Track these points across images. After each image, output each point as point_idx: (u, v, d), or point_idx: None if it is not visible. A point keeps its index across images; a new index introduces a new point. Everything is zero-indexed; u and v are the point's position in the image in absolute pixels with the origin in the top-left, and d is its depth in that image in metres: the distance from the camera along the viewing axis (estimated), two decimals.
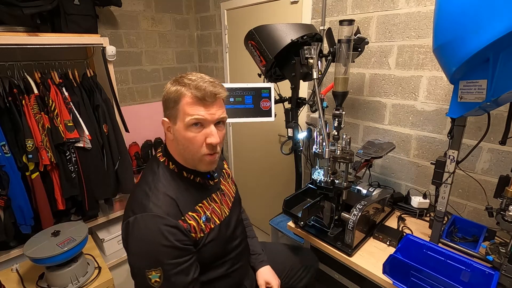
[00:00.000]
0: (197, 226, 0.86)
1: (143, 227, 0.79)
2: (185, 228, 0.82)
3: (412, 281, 0.95)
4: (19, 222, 1.52)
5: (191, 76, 0.84)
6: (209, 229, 0.90)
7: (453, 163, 1.03)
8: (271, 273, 1.16)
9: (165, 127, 0.88)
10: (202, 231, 0.88)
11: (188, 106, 0.81)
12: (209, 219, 0.91)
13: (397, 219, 1.37)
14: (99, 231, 1.98)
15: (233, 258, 1.01)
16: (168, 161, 0.91)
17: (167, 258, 0.78)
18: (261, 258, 1.19)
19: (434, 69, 1.34)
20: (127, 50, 2.38)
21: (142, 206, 0.81)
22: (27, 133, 1.49)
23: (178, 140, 0.85)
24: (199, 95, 0.80)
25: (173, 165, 0.91)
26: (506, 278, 0.92)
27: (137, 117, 2.50)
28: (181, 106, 0.81)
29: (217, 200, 0.97)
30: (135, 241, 0.79)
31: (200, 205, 0.91)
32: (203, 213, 0.90)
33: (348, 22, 1.13)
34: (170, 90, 0.83)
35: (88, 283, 1.48)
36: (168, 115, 0.86)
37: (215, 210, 0.95)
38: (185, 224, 0.83)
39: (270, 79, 1.49)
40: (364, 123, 1.66)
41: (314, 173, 1.25)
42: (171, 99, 0.83)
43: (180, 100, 0.81)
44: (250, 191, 2.69)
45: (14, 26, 1.49)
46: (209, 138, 0.83)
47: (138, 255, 0.80)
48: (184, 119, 0.81)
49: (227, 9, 2.36)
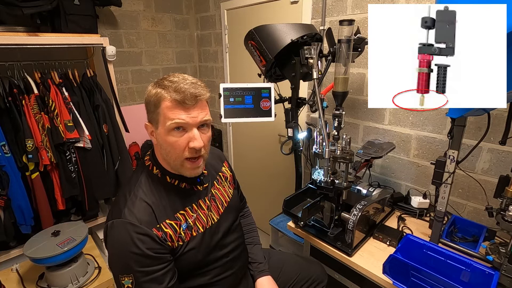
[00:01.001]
0: (174, 235, 0.83)
1: (116, 233, 0.78)
2: (159, 237, 0.80)
3: (412, 281, 0.95)
4: (19, 222, 1.53)
5: (172, 77, 0.81)
6: (189, 237, 0.87)
7: (453, 163, 1.03)
8: (271, 284, 1.08)
9: (149, 132, 0.85)
10: (181, 239, 0.85)
11: (168, 110, 0.77)
12: (190, 227, 0.88)
13: (397, 219, 1.37)
14: (99, 231, 1.98)
15: (221, 267, 0.96)
16: (153, 165, 0.89)
17: (137, 266, 0.77)
18: (262, 267, 1.11)
19: None
20: (127, 50, 2.38)
21: (119, 211, 0.80)
22: (27, 133, 1.49)
23: (161, 144, 0.83)
24: (178, 98, 0.76)
25: (157, 170, 0.88)
26: (506, 278, 0.92)
27: (137, 117, 2.49)
28: (161, 110, 0.78)
29: (203, 206, 0.93)
30: (110, 246, 0.80)
31: (182, 212, 0.88)
32: (184, 220, 0.87)
33: (348, 22, 1.13)
34: (151, 93, 0.80)
35: (88, 283, 1.48)
36: (150, 119, 0.83)
37: (200, 218, 0.91)
38: (160, 232, 0.81)
39: (270, 79, 1.49)
40: (364, 123, 1.66)
41: (314, 173, 1.25)
42: (152, 102, 0.80)
43: (160, 103, 0.78)
44: (250, 191, 2.69)
45: (14, 26, 1.50)
46: (192, 142, 0.80)
47: (112, 260, 0.81)
48: (165, 123, 0.78)
49: (227, 9, 2.36)
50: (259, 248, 1.17)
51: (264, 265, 1.13)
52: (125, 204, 0.81)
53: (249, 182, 2.66)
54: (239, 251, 1.05)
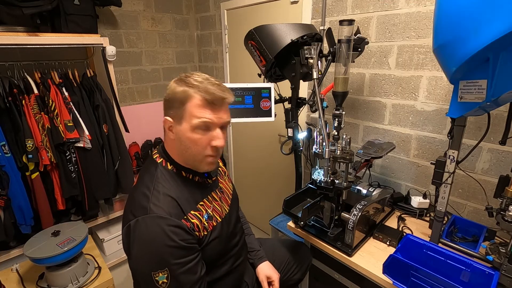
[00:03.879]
0: (200, 225, 0.86)
1: (146, 229, 0.78)
2: (188, 227, 0.82)
3: (412, 281, 0.95)
4: (19, 222, 1.53)
5: (197, 77, 0.83)
6: (212, 227, 0.90)
7: (453, 163, 1.03)
8: (271, 268, 1.17)
9: (167, 126, 0.86)
10: (205, 229, 0.88)
11: (196, 108, 0.80)
12: (211, 217, 0.91)
13: (397, 219, 1.37)
14: (99, 231, 1.98)
15: (235, 254, 1.02)
16: (166, 161, 0.90)
17: (173, 258, 0.78)
18: (260, 254, 1.21)
19: (434, 69, 1.34)
20: (127, 50, 2.38)
21: (143, 208, 0.80)
22: (27, 133, 1.49)
23: (181, 140, 0.84)
24: (208, 98, 0.80)
25: (171, 165, 0.90)
26: (506, 278, 0.92)
27: (137, 117, 2.50)
28: (188, 107, 0.81)
29: (216, 198, 0.98)
30: (139, 244, 0.78)
31: (202, 204, 0.91)
32: (205, 211, 0.90)
33: (348, 22, 1.13)
34: (177, 90, 0.82)
35: (88, 283, 1.48)
36: (172, 115, 0.84)
37: (216, 208, 0.95)
38: (188, 223, 0.83)
39: (270, 79, 1.49)
40: (364, 123, 1.66)
41: (314, 173, 1.25)
42: (177, 99, 0.82)
43: (187, 101, 0.81)
44: (250, 191, 2.69)
45: (14, 26, 1.49)
46: (215, 141, 0.84)
47: (143, 258, 0.79)
48: (191, 120, 0.81)
49: (227, 9, 2.36)
50: (253, 238, 1.26)
51: (261, 252, 1.21)
52: (148, 200, 0.81)
53: (249, 182, 2.66)
54: (243, 240, 1.11)
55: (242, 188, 2.79)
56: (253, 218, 2.71)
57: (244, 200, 2.76)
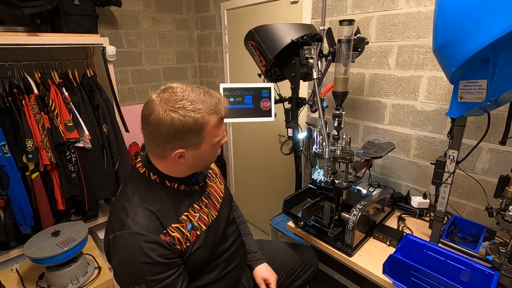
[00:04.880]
0: (182, 238, 0.84)
1: (123, 245, 0.77)
2: (167, 242, 0.80)
3: (412, 281, 0.95)
4: (19, 222, 1.53)
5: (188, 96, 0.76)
6: (195, 237, 0.88)
7: (453, 163, 1.03)
8: (268, 270, 1.15)
9: (178, 156, 0.80)
10: (188, 240, 0.85)
11: (214, 129, 0.81)
12: (195, 227, 0.88)
13: (397, 219, 1.37)
14: (99, 231, 1.98)
15: (225, 261, 0.99)
16: (149, 171, 0.87)
17: (150, 275, 0.76)
18: (257, 256, 1.18)
19: (434, 69, 1.34)
20: (127, 50, 2.38)
21: (121, 223, 0.78)
22: (27, 133, 1.49)
23: (199, 158, 0.84)
24: (223, 114, 0.82)
25: (155, 176, 0.86)
26: (506, 278, 0.92)
27: (137, 117, 2.46)
28: (207, 131, 0.79)
29: (203, 206, 0.94)
30: (116, 260, 0.78)
31: (186, 214, 0.88)
32: (189, 221, 0.87)
33: (348, 22, 1.13)
34: (187, 121, 0.74)
35: (88, 283, 1.48)
36: (185, 145, 0.79)
37: (202, 217, 0.92)
38: (168, 237, 0.80)
39: (270, 79, 1.49)
40: (364, 123, 1.66)
41: (314, 173, 1.25)
42: (192, 131, 0.76)
43: (204, 127, 0.78)
44: (250, 191, 2.69)
45: (14, 26, 1.50)
46: (224, 140, 0.89)
47: (120, 273, 0.79)
48: (212, 141, 0.82)
49: (227, 9, 2.36)
50: (252, 238, 1.23)
51: (259, 253, 1.19)
52: (126, 215, 0.79)
53: (249, 182, 2.66)
54: (238, 243, 1.09)
55: (242, 188, 2.79)
56: (253, 218, 2.71)
57: (244, 200, 2.76)
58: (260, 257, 1.18)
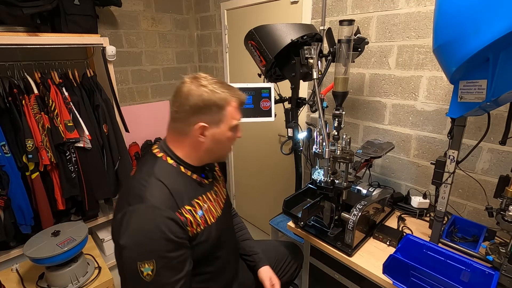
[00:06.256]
0: (193, 221, 0.86)
1: (140, 217, 0.78)
2: (182, 221, 0.82)
3: (412, 281, 0.95)
4: (19, 222, 1.53)
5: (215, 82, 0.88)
6: (205, 225, 0.90)
7: (453, 163, 1.03)
8: (271, 272, 1.18)
9: (199, 132, 0.87)
10: (198, 225, 0.88)
11: (235, 110, 0.90)
12: (204, 215, 0.91)
13: (397, 219, 1.37)
14: (99, 231, 1.98)
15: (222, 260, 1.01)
16: (167, 156, 0.91)
17: (162, 251, 0.78)
18: (261, 257, 1.22)
19: (434, 69, 1.34)
20: (127, 50, 2.38)
21: (139, 197, 0.80)
22: (27, 133, 1.49)
23: (218, 141, 0.90)
24: (243, 101, 0.93)
25: (172, 160, 0.91)
26: (506, 278, 0.92)
27: (137, 117, 2.50)
28: (228, 111, 0.88)
29: (211, 199, 0.98)
30: (131, 232, 0.78)
31: (196, 200, 0.91)
32: (199, 208, 0.90)
33: (348, 22, 1.13)
34: (214, 97, 0.85)
35: (88, 283, 1.48)
36: (208, 120, 0.87)
37: (210, 209, 0.95)
38: (182, 217, 0.83)
39: (270, 79, 1.49)
40: (364, 123, 1.66)
41: (314, 173, 1.25)
42: (216, 105, 0.86)
43: (226, 105, 0.87)
44: (250, 191, 2.69)
45: (14, 26, 1.49)
46: (239, 134, 0.96)
47: (132, 246, 0.78)
48: (231, 122, 0.89)
49: (227, 9, 2.36)
50: (253, 241, 1.28)
51: (262, 255, 1.22)
52: (145, 189, 0.81)
53: (250, 182, 2.66)
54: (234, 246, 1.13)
55: (242, 188, 2.79)
56: (253, 218, 2.71)
57: (244, 200, 2.76)
58: (264, 259, 1.21)
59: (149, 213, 0.78)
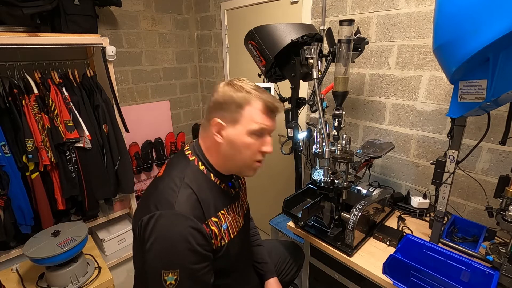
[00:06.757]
0: (218, 233, 0.84)
1: (169, 225, 0.76)
2: (207, 233, 0.80)
3: (412, 281, 0.95)
4: (19, 222, 1.52)
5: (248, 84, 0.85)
6: (229, 239, 0.88)
7: (453, 163, 1.03)
8: (279, 285, 1.16)
9: (215, 129, 0.84)
10: (223, 239, 0.86)
11: (256, 113, 0.82)
12: (228, 228, 0.89)
13: (397, 219, 1.37)
14: (99, 231, 1.98)
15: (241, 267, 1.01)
16: (199, 161, 0.88)
17: (186, 262, 0.76)
18: (270, 268, 1.19)
19: (434, 69, 1.34)
20: (127, 50, 2.38)
21: (168, 203, 0.78)
22: (27, 133, 1.49)
23: (233, 144, 0.83)
24: (272, 107, 0.83)
25: (203, 166, 0.88)
26: (506, 278, 0.92)
27: (137, 117, 2.50)
28: (247, 111, 0.82)
29: (235, 210, 0.96)
30: (158, 239, 0.76)
31: (222, 212, 0.88)
32: (224, 220, 0.88)
33: (348, 22, 1.13)
34: (236, 95, 0.82)
35: (88, 283, 1.48)
36: (225, 118, 0.83)
37: (233, 221, 0.93)
38: (208, 229, 0.81)
39: (270, 79, 1.49)
40: (364, 123, 1.66)
41: (314, 173, 1.25)
42: (235, 102, 0.82)
43: (246, 105, 0.82)
44: (250, 191, 2.68)
45: (14, 26, 1.49)
46: (266, 147, 0.86)
47: (158, 254, 0.76)
48: (249, 125, 0.82)
49: (227, 9, 2.36)
50: (265, 250, 1.25)
51: (271, 265, 1.20)
52: (174, 195, 0.79)
53: (249, 182, 2.65)
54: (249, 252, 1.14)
55: None
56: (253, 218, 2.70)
57: None
58: (273, 270, 1.20)
59: (178, 222, 0.76)
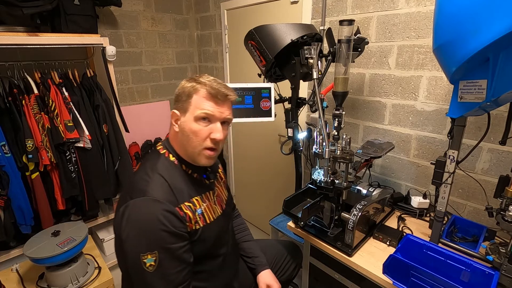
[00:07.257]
0: (192, 217, 0.89)
1: (142, 210, 0.81)
2: (181, 216, 0.85)
3: (412, 281, 0.95)
4: (19, 222, 1.53)
5: (206, 77, 0.91)
6: (204, 224, 0.92)
7: (453, 163, 1.03)
8: (272, 277, 1.18)
9: (174, 119, 0.92)
10: (197, 223, 0.90)
11: (200, 100, 0.88)
12: (203, 214, 0.93)
13: (397, 219, 1.37)
14: (99, 231, 1.98)
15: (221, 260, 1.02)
16: (169, 153, 0.95)
17: (163, 242, 0.80)
18: (262, 261, 1.21)
19: (434, 69, 1.34)
20: (127, 50, 2.38)
21: (141, 191, 0.83)
22: (27, 133, 1.49)
23: (183, 131, 0.89)
24: (212, 92, 0.88)
25: (174, 157, 0.94)
26: (506, 278, 0.92)
27: (137, 117, 2.50)
28: (194, 100, 0.88)
29: (210, 199, 1.00)
30: (133, 224, 0.81)
31: (196, 198, 0.93)
32: (199, 206, 0.92)
33: (348, 22, 1.13)
34: (186, 85, 0.90)
35: (88, 283, 1.48)
36: (179, 108, 0.91)
37: (209, 208, 0.97)
38: (181, 212, 0.86)
39: (270, 79, 1.49)
40: (364, 123, 1.66)
41: (314, 173, 1.25)
42: (185, 93, 0.89)
43: (193, 94, 0.88)
44: (250, 191, 2.69)
45: (14, 26, 1.49)
46: (214, 134, 0.89)
47: (134, 239, 0.81)
48: (194, 112, 0.87)
49: (227, 9, 2.36)
50: (255, 244, 1.27)
51: (263, 258, 1.22)
52: (146, 184, 0.85)
53: (249, 182, 2.66)
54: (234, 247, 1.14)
55: (242, 188, 2.79)
56: (253, 218, 2.71)
57: (244, 200, 2.76)
58: (265, 262, 1.21)
59: (150, 206, 0.81)
